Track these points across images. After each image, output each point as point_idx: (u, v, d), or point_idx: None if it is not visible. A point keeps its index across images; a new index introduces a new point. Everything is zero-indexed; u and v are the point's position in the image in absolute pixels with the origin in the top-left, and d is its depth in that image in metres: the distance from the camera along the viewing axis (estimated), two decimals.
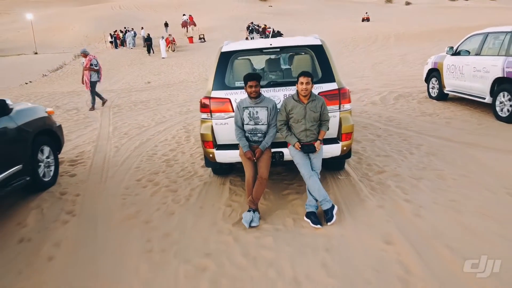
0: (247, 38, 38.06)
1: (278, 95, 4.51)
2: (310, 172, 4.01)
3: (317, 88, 4.39)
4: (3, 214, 4.64)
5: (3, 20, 78.66)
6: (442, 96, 9.78)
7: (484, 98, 8.08)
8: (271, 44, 4.74)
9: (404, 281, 3.02)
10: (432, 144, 6.33)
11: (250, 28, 39.68)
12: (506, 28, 8.01)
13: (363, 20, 58.40)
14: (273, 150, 4.32)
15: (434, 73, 10.03)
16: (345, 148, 4.48)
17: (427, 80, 10.39)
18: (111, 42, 36.46)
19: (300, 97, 4.08)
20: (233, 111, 4.40)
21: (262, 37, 35.85)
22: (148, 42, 33.03)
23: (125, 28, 41.25)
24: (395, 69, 16.68)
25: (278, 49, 4.78)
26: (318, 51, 4.64)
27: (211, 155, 4.60)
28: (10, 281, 3.39)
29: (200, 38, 39.19)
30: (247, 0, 75.99)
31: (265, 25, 40.21)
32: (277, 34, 34.88)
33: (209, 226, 4.06)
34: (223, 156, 4.55)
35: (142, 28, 37.57)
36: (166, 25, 49.06)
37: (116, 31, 37.71)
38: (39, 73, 33.32)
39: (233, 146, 4.48)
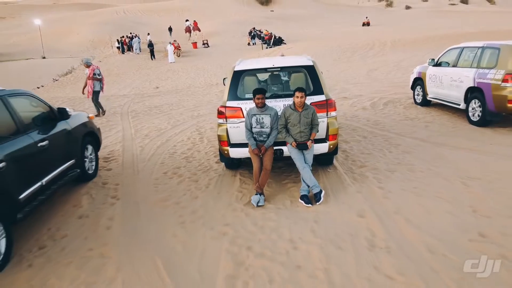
0: (249, 44, 39.34)
1: (279, 104, 5.72)
2: (303, 164, 5.22)
3: (309, 99, 5.59)
4: (60, 199, 5.84)
5: (9, 24, 79.75)
6: (425, 103, 10.96)
7: (459, 105, 9.27)
8: (273, 65, 5.97)
9: (370, 241, 4.21)
10: (409, 144, 7.53)
11: (252, 33, 40.89)
12: (478, 43, 9.23)
13: (363, 24, 59.70)
14: (275, 148, 5.52)
15: (419, 81, 11.21)
16: (331, 146, 5.69)
17: (413, 87, 11.59)
18: (118, 47, 37.70)
19: (296, 106, 5.28)
20: (244, 117, 5.61)
21: (263, 43, 37.05)
22: (150, 47, 34.39)
23: (131, 33, 42.56)
24: (389, 76, 17.83)
25: (279, 69, 6.00)
26: (310, 70, 5.86)
27: (226, 152, 5.81)
28: (80, 244, 4.59)
29: (203, 44, 40.44)
30: (249, 4, 77.33)
31: (266, 30, 41.45)
32: (279, 40, 36.12)
33: (226, 206, 5.27)
34: (235, 153, 5.75)
35: (148, 34, 38.81)
36: (170, 29, 50.47)
37: (123, 37, 38.95)
38: (49, 77, 34.56)
39: (243, 145, 5.68)
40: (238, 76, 5.90)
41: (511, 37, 30.00)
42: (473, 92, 8.81)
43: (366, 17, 61.87)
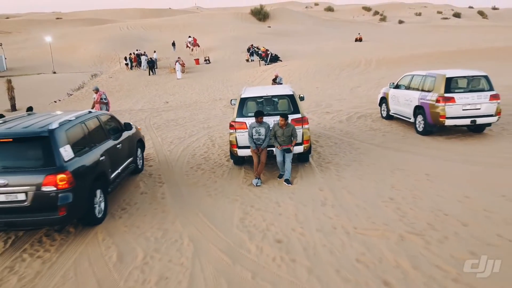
0: (247, 60, 42.41)
1: (270, 119, 8.58)
2: (281, 159, 8.11)
3: (290, 117, 8.45)
4: (126, 184, 8.66)
5: (16, 39, 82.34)
6: (389, 117, 13.86)
7: (410, 119, 12.19)
8: (267, 94, 8.90)
9: (323, 202, 7.04)
10: (366, 147, 10.41)
11: (251, 51, 44.00)
12: (423, 72, 12.18)
13: (356, 40, 62.64)
14: (268, 149, 8.37)
15: (384, 100, 14.14)
16: (305, 148, 8.57)
17: (380, 104, 14.51)
18: (126, 64, 40.68)
19: (280, 125, 8.15)
20: (247, 129, 8.46)
21: (261, 60, 40.07)
22: (150, 64, 37.52)
23: (137, 50, 45.66)
24: (369, 93, 20.73)
25: (271, 96, 8.92)
26: (291, 97, 8.77)
27: (235, 152, 8.67)
28: (147, 206, 7.41)
29: (205, 60, 43.46)
30: (247, 21, 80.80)
31: (263, 47, 44.57)
32: (275, 57, 39.21)
33: (236, 186, 8.13)
34: (242, 152, 8.62)
35: (155, 51, 41.86)
36: (173, 44, 53.73)
37: (131, 54, 41.94)
38: (61, 91, 37.24)
39: (247, 147, 8.53)
40: (243, 101, 8.81)
41: (483, 56, 33.10)
42: (418, 109, 11.72)
43: (359, 33, 64.94)
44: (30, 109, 12.95)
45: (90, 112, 7.63)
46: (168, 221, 6.70)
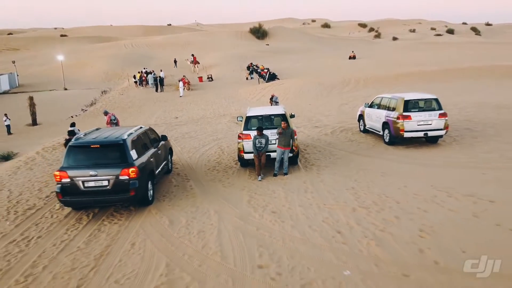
0: (247, 78, 45.70)
1: (268, 133, 11.64)
2: (280, 158, 11.18)
3: None
4: (168, 180, 11.67)
5: (24, 56, 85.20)
6: (365, 131, 16.95)
7: (380, 132, 15.30)
8: (266, 113, 12.02)
9: (305, 190, 10.08)
10: (342, 154, 13.49)
11: (251, 69, 47.34)
12: (389, 95, 15.34)
13: (350, 58, 65.73)
14: (266, 153, 11.43)
15: (361, 117, 17.27)
16: (295, 152, 11.65)
17: (358, 120, 17.62)
18: (135, 82, 43.85)
19: (283, 127, 11.21)
20: (251, 139, 11.52)
21: (260, 77, 43.36)
22: (155, 82, 40.82)
23: (144, 68, 48.95)
24: (354, 110, 23.70)
25: (268, 115, 12.05)
26: (283, 115, 11.88)
27: (242, 156, 11.75)
28: (181, 194, 10.45)
29: (208, 77, 46.74)
30: (246, 39, 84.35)
31: (262, 66, 47.93)
32: (273, 75, 42.52)
33: (243, 180, 11.20)
34: (247, 156, 11.69)
35: (161, 70, 45.13)
36: (175, 61, 57.19)
37: (140, 72, 45.17)
38: (75, 107, 40.15)
39: (251, 152, 11.60)
40: (248, 118, 11.95)
41: (462, 74, 36.16)
42: (385, 125, 14.84)
43: (352, 51, 68.28)
44: (73, 124, 16.02)
45: (141, 127, 10.71)
46: (198, 202, 9.74)
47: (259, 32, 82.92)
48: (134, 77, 44.68)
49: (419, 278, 6.04)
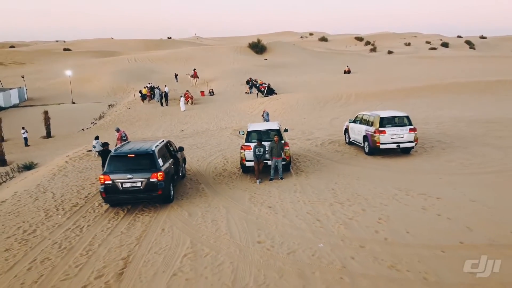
0: (247, 93, 48.42)
1: (266, 143, 14.23)
2: (274, 166, 13.79)
3: None
4: (180, 184, 14.22)
5: (30, 70, 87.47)
6: (350, 143, 19.54)
7: (361, 144, 17.90)
8: (263, 128, 14.67)
9: (295, 190, 12.66)
10: (327, 162, 16.08)
11: (250, 84, 50.09)
12: (368, 112, 17.99)
13: (345, 72, 68.37)
14: (264, 161, 14.02)
15: (346, 130, 19.88)
16: (287, 160, 14.24)
17: (344, 133, 20.23)
18: (141, 97, 46.38)
19: (275, 141, 13.82)
20: (251, 149, 14.11)
21: (259, 92, 46.10)
22: (160, 96, 43.50)
23: (149, 84, 51.60)
24: (343, 123, 26.45)
25: (265, 129, 14.68)
26: (277, 130, 14.52)
27: (244, 163, 14.33)
28: (194, 194, 13.01)
29: (209, 92, 49.40)
30: (245, 53, 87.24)
31: (261, 80, 50.69)
32: (271, 90, 45.27)
33: (245, 184, 13.78)
34: (248, 163, 14.28)
35: (166, 86, 47.79)
36: (176, 76, 59.94)
37: (145, 87, 47.78)
38: (84, 120, 42.54)
39: (251, 161, 14.18)
40: (249, 133, 14.60)
41: (446, 90, 38.89)
42: (365, 138, 17.44)
43: (347, 66, 71.08)
44: (105, 144, 17.89)
45: (163, 140, 13.33)
46: (209, 200, 12.30)
47: (257, 47, 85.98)
48: (140, 92, 47.12)
49: (371, 248, 8.58)
